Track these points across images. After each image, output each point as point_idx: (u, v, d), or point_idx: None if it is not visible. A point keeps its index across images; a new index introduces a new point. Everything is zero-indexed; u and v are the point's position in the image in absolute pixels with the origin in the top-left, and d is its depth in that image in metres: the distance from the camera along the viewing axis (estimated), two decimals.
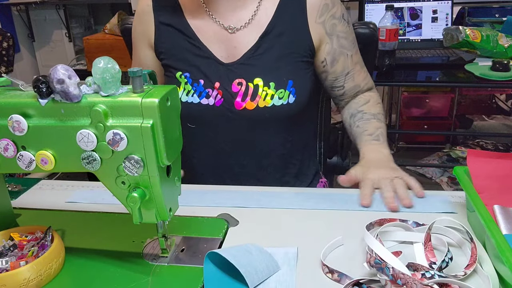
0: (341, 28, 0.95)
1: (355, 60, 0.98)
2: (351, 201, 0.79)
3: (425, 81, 1.90)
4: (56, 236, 0.63)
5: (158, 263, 0.63)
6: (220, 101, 0.91)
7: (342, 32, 0.95)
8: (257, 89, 0.89)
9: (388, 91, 3.17)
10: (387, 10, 1.77)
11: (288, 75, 0.91)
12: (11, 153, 0.58)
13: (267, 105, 0.89)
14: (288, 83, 0.90)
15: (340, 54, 0.95)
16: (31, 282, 0.58)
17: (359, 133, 0.96)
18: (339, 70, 0.97)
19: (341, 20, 0.95)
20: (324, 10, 0.92)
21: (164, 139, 0.54)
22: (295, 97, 0.91)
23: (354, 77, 0.99)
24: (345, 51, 0.96)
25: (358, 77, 0.99)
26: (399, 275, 0.53)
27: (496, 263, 0.57)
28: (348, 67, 0.97)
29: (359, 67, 1.00)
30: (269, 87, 0.89)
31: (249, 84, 0.90)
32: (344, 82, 0.98)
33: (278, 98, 0.90)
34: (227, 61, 0.91)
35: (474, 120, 3.07)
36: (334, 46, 0.94)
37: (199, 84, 0.92)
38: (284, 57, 0.91)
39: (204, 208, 0.79)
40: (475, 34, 1.72)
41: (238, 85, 0.90)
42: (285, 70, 0.91)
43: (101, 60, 0.53)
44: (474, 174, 0.70)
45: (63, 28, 3.31)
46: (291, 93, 0.91)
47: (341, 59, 0.96)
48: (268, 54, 0.91)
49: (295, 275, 0.60)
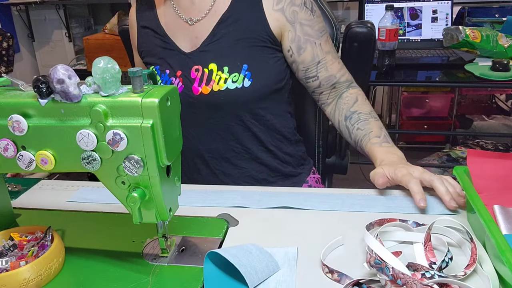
0: (304, 15, 0.94)
1: (326, 50, 0.97)
2: (351, 201, 0.79)
3: (425, 81, 1.90)
4: (56, 236, 0.63)
5: (158, 263, 0.63)
6: (181, 87, 0.96)
7: (305, 20, 0.94)
8: (211, 74, 0.93)
9: (388, 91, 3.17)
10: (387, 10, 1.77)
11: (243, 60, 0.93)
12: (11, 153, 0.58)
13: (221, 89, 0.92)
14: (242, 67, 0.92)
15: (306, 42, 0.94)
16: (31, 282, 0.58)
17: (363, 135, 0.93)
18: (309, 59, 0.96)
19: (302, 8, 0.94)
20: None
21: (164, 139, 0.54)
22: (251, 81, 0.93)
23: (327, 67, 0.97)
24: (311, 39, 0.95)
25: (332, 67, 0.97)
26: (399, 275, 0.53)
27: (496, 263, 0.57)
28: (318, 55, 0.96)
29: (331, 57, 0.98)
30: (222, 71, 0.93)
31: (204, 70, 0.94)
32: (316, 72, 0.97)
33: (232, 81, 0.92)
34: (188, 50, 0.96)
35: (474, 120, 3.07)
36: (297, 33, 0.94)
37: (165, 74, 0.98)
38: (239, 42, 0.93)
39: (204, 208, 0.79)
40: (475, 34, 1.72)
41: (195, 71, 0.95)
42: (240, 54, 0.93)
43: (101, 60, 0.53)
44: (474, 174, 0.70)
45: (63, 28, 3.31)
46: (246, 77, 0.92)
47: (308, 48, 0.95)
48: (223, 40, 0.94)
49: (295, 275, 0.60)
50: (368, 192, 0.82)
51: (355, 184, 2.63)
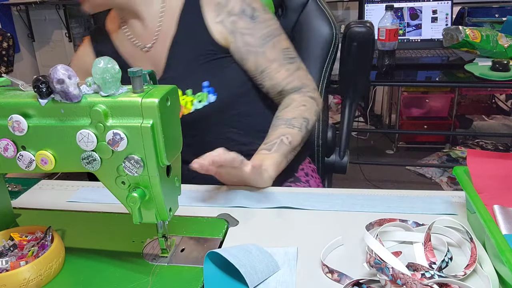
0: (243, 24, 0.92)
1: (270, 58, 0.94)
2: (351, 201, 0.79)
3: (425, 81, 1.90)
4: (56, 236, 0.63)
5: (158, 263, 0.63)
6: None
7: (245, 28, 0.92)
8: None
9: (388, 91, 3.17)
10: (387, 10, 1.77)
11: (202, 77, 0.93)
12: (11, 153, 0.58)
13: (190, 111, 0.93)
14: (203, 85, 0.93)
15: (247, 53, 0.93)
16: (31, 282, 0.58)
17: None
18: (252, 68, 0.95)
19: (241, 17, 0.92)
20: (219, 9, 0.92)
21: (164, 139, 0.54)
22: (215, 95, 0.93)
23: (271, 76, 0.95)
24: (252, 49, 0.93)
25: (277, 76, 0.95)
26: (398, 275, 0.53)
27: (496, 263, 0.57)
28: (261, 65, 0.94)
29: (277, 65, 0.94)
30: (187, 95, 0.93)
31: None
32: (261, 80, 0.96)
33: (198, 101, 0.93)
34: None
35: (474, 120, 3.08)
36: (238, 44, 0.93)
37: None
38: (194, 61, 0.94)
39: (204, 208, 0.79)
40: (475, 34, 1.72)
41: None
42: (198, 73, 0.93)
43: (101, 60, 0.53)
44: (474, 174, 0.70)
45: (63, 28, 3.31)
46: (209, 93, 0.93)
47: (250, 58, 0.93)
48: (179, 64, 0.94)
49: (295, 275, 0.60)
50: (368, 192, 0.82)
51: (355, 184, 2.64)
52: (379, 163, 2.81)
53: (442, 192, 0.83)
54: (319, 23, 1.17)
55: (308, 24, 1.19)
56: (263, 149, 0.88)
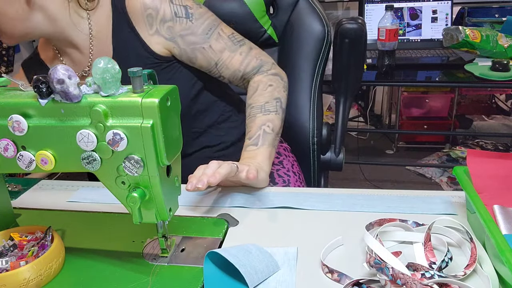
0: (180, 26, 0.90)
1: (218, 49, 0.92)
2: (351, 201, 0.79)
3: (425, 81, 1.90)
4: (56, 236, 0.63)
5: (158, 263, 0.63)
6: None
7: (183, 30, 0.90)
8: None
9: (388, 91, 3.17)
10: (387, 10, 1.77)
11: None
12: (11, 153, 0.58)
13: None
14: None
15: (194, 51, 0.92)
16: (31, 282, 0.58)
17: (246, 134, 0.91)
18: (205, 64, 0.93)
19: (175, 20, 0.90)
20: (151, 21, 0.89)
21: (164, 139, 0.54)
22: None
23: (226, 65, 0.93)
24: (198, 46, 0.91)
25: (232, 63, 0.94)
26: (398, 275, 0.53)
27: (496, 263, 0.57)
28: (213, 58, 0.93)
29: (229, 53, 0.93)
30: None
31: None
32: (219, 72, 0.95)
33: None
34: None
35: (474, 120, 3.08)
36: (182, 47, 0.91)
37: None
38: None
39: (204, 208, 0.79)
40: (475, 34, 1.72)
41: None
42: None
43: (101, 60, 0.53)
44: (474, 174, 0.70)
45: None
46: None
47: (198, 55, 0.92)
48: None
49: (295, 275, 0.60)
50: (368, 192, 0.82)
51: (355, 184, 2.64)
52: (379, 163, 2.81)
53: (442, 192, 0.83)
54: (311, 21, 1.17)
55: (300, 23, 1.19)
56: (250, 144, 0.87)
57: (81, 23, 0.90)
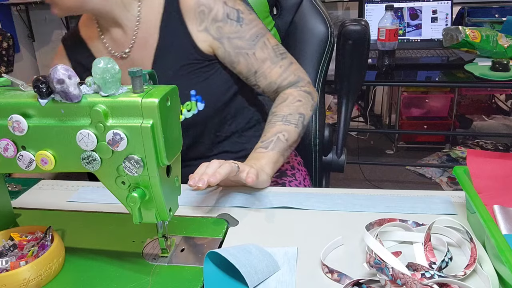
0: (229, 29, 0.91)
1: (261, 58, 0.93)
2: (351, 201, 0.79)
3: (425, 81, 1.90)
4: (56, 236, 0.63)
5: (158, 263, 0.63)
6: None
7: (232, 33, 0.91)
8: None
9: (388, 91, 3.17)
10: (387, 10, 1.77)
11: (189, 86, 0.92)
12: (11, 153, 0.58)
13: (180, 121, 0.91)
14: (191, 94, 0.92)
15: (237, 56, 0.92)
16: (31, 282, 0.58)
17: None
18: (244, 70, 0.94)
19: (226, 21, 0.91)
20: (202, 17, 0.90)
21: (164, 139, 0.54)
22: (203, 102, 0.93)
23: (265, 75, 0.94)
24: (242, 51, 0.92)
25: (271, 74, 0.94)
26: (398, 275, 0.53)
27: (496, 263, 0.57)
28: (254, 66, 0.93)
29: (270, 64, 0.94)
30: None
31: None
32: (256, 81, 0.95)
33: (187, 110, 0.92)
34: None
35: (474, 120, 3.08)
36: (227, 49, 0.92)
37: None
38: (180, 70, 0.92)
39: (204, 208, 0.79)
40: (475, 34, 1.72)
41: None
42: (184, 83, 0.92)
43: (101, 60, 0.53)
44: (474, 174, 0.70)
45: (63, 28, 3.31)
46: (197, 101, 0.92)
47: (241, 60, 0.93)
48: (165, 74, 0.92)
49: (295, 275, 0.60)
50: (368, 192, 0.82)
51: (355, 184, 2.64)
52: (379, 163, 2.81)
53: (442, 192, 0.83)
54: (314, 22, 1.17)
55: (303, 24, 1.19)
56: (260, 147, 0.87)
57: (132, 4, 0.91)
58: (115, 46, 0.95)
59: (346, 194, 0.81)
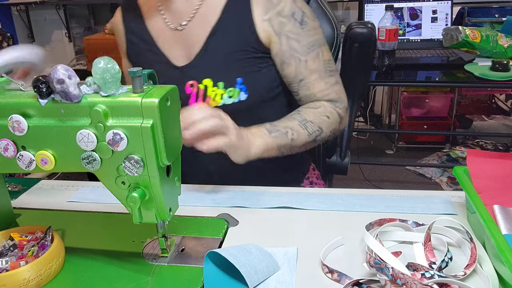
0: (291, 28, 0.89)
1: (312, 68, 0.91)
2: (351, 201, 0.79)
3: (425, 81, 1.90)
4: (56, 236, 0.63)
5: (158, 263, 0.63)
6: None
7: (292, 33, 0.89)
8: (206, 90, 0.90)
9: (388, 91, 3.17)
10: (386, 10, 1.77)
11: (237, 73, 0.90)
12: (11, 153, 0.58)
13: (217, 105, 0.89)
14: (237, 81, 0.90)
15: (290, 58, 0.90)
16: (31, 282, 0.58)
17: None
18: (291, 75, 0.92)
19: (290, 19, 0.89)
20: (269, 7, 0.89)
21: (164, 139, 0.54)
22: (247, 93, 0.90)
23: (309, 87, 0.92)
24: (296, 55, 0.90)
25: (314, 87, 0.92)
26: (398, 275, 0.53)
27: (496, 263, 0.57)
28: (302, 73, 0.91)
29: (317, 77, 0.91)
30: (218, 87, 0.90)
31: (199, 86, 0.90)
32: (298, 89, 0.93)
33: (228, 96, 0.89)
34: (181, 64, 0.92)
35: (474, 120, 3.08)
36: (283, 47, 0.90)
37: None
38: (232, 55, 0.90)
39: (204, 208, 0.79)
40: (475, 34, 1.72)
41: (190, 87, 0.91)
42: (234, 68, 0.90)
43: (101, 60, 0.53)
44: (474, 174, 0.70)
45: (63, 28, 3.31)
46: (241, 91, 0.90)
47: (292, 63, 0.90)
48: (216, 54, 0.90)
49: (295, 275, 0.60)
50: (368, 192, 0.82)
51: (355, 184, 2.64)
52: (379, 163, 2.81)
53: (442, 192, 0.83)
54: (321, 23, 1.16)
55: None
56: (265, 128, 0.86)
57: None
58: (172, 17, 0.93)
59: (346, 194, 0.81)
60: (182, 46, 0.93)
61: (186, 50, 0.92)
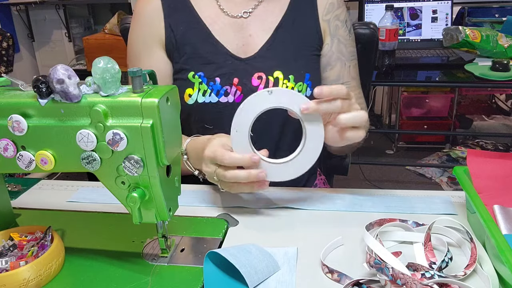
0: (343, 33, 0.93)
1: (352, 75, 0.94)
2: (351, 201, 0.79)
3: (425, 81, 1.90)
4: (56, 236, 0.63)
5: (158, 263, 0.63)
6: (240, 97, 0.88)
7: (342, 37, 0.93)
8: (277, 82, 0.88)
9: (388, 91, 3.17)
10: (387, 10, 1.77)
11: (305, 68, 0.89)
12: (11, 153, 0.58)
13: None
14: (305, 76, 0.89)
15: (337, 60, 0.93)
16: (31, 282, 0.58)
17: None
18: (333, 77, 0.93)
19: (343, 24, 0.93)
20: (330, 8, 0.92)
21: (163, 139, 0.54)
22: (312, 90, 0.89)
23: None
24: (343, 58, 0.93)
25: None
26: (398, 275, 0.53)
27: (496, 263, 0.57)
28: (344, 77, 0.93)
29: (355, 84, 0.95)
30: (289, 80, 0.88)
31: (269, 77, 0.88)
32: None
33: (298, 91, 0.87)
34: (244, 55, 0.89)
35: (474, 120, 3.08)
36: (333, 48, 0.92)
37: (215, 82, 0.88)
38: (299, 50, 0.91)
39: (204, 208, 0.79)
40: (475, 34, 1.72)
41: (258, 79, 0.88)
42: (301, 63, 0.90)
43: (101, 60, 0.53)
44: (474, 174, 0.70)
45: (63, 28, 3.31)
46: (308, 86, 0.89)
47: (337, 65, 0.93)
48: (284, 47, 0.90)
49: (295, 275, 0.60)
50: (368, 192, 0.82)
51: (355, 184, 2.64)
52: (379, 163, 2.81)
53: (442, 192, 0.83)
54: None
55: None
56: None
57: None
58: (231, 5, 0.90)
59: (346, 194, 0.81)
60: (242, 36, 0.90)
61: (247, 39, 0.90)
